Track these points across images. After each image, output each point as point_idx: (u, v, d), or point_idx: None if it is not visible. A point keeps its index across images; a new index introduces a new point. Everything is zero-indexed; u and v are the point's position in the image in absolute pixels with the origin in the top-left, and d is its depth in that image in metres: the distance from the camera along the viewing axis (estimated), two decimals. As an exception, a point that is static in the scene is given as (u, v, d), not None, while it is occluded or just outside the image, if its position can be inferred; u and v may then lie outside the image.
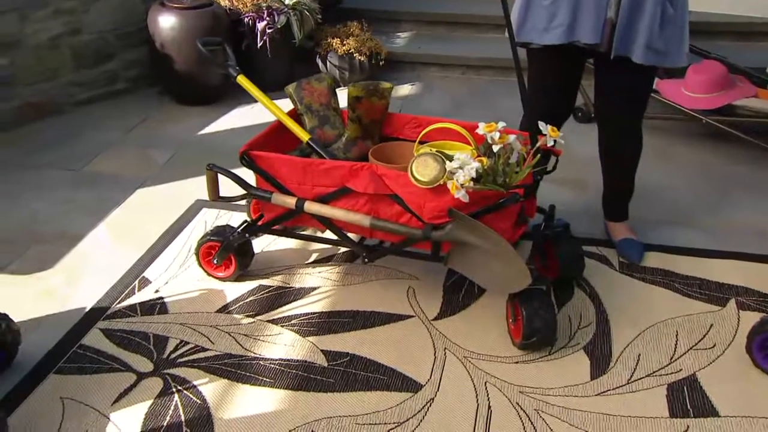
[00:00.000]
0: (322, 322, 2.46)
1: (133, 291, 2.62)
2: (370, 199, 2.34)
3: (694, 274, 2.73)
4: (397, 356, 2.30)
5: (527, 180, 2.26)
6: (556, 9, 2.44)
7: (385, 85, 2.68)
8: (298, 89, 2.77)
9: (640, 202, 3.16)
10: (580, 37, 2.44)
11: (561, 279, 2.62)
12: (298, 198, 2.40)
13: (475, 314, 2.51)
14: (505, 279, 2.20)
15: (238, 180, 2.45)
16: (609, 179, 2.86)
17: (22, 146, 3.86)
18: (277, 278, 2.70)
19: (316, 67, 4.80)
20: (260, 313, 2.51)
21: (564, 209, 3.14)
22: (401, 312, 2.52)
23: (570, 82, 2.69)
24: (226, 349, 2.32)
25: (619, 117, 2.66)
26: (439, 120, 2.67)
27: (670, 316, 2.49)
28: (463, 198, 2.13)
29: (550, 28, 2.47)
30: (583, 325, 2.46)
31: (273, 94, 3.11)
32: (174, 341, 2.36)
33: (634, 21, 2.37)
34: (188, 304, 2.55)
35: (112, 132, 4.05)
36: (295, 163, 2.39)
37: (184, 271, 2.73)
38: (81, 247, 2.92)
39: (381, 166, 2.32)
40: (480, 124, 2.21)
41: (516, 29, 2.54)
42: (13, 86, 4.05)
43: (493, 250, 2.16)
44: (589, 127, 3.78)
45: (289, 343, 2.36)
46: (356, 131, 2.67)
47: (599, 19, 2.39)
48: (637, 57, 2.41)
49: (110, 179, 3.49)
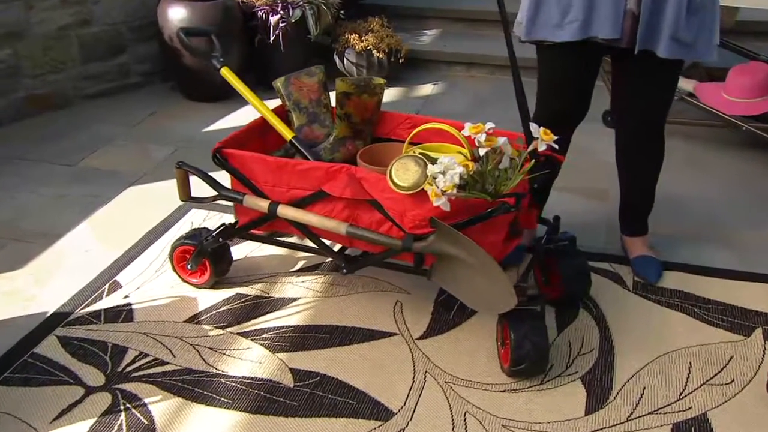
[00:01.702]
0: (297, 337, 2.26)
1: (102, 296, 2.46)
2: (349, 205, 2.14)
3: (717, 297, 2.45)
4: (371, 379, 2.10)
5: (520, 188, 2.02)
6: (570, 2, 2.20)
7: (377, 81, 2.47)
8: (286, 84, 2.58)
9: (664, 214, 2.89)
10: (597, 32, 2.20)
11: (564, 298, 2.37)
12: (271, 201, 2.21)
13: (465, 334, 2.28)
14: (491, 298, 1.98)
15: (209, 180, 2.27)
16: (626, 189, 2.61)
17: (23, 139, 3.76)
18: (257, 287, 2.52)
19: (333, 64, 4.62)
20: (231, 324, 2.32)
21: (580, 220, 2.89)
22: (384, 329, 2.31)
23: (585, 81, 2.45)
24: (188, 364, 2.14)
25: (640, 119, 2.40)
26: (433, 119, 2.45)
27: (684, 345, 2.23)
28: (443, 206, 1.91)
29: (563, 24, 2.23)
30: (584, 351, 2.21)
31: None
32: (133, 353, 2.19)
33: (658, 11, 2.13)
34: (156, 312, 2.38)
35: (117, 127, 3.93)
36: (268, 162, 2.20)
37: (159, 276, 2.57)
38: (58, 246, 2.78)
39: (361, 168, 2.11)
40: (466, 124, 1.98)
41: (526, 26, 2.32)
42: (17, 78, 3.96)
43: (478, 266, 1.93)
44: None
45: (256, 359, 2.17)
46: (345, 130, 2.47)
47: (618, 11, 2.15)
48: (662, 50, 2.16)
49: (105, 175, 3.36)
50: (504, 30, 2.12)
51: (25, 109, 4.01)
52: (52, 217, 2.98)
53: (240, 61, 4.30)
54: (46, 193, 3.18)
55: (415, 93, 4.50)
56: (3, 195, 3.16)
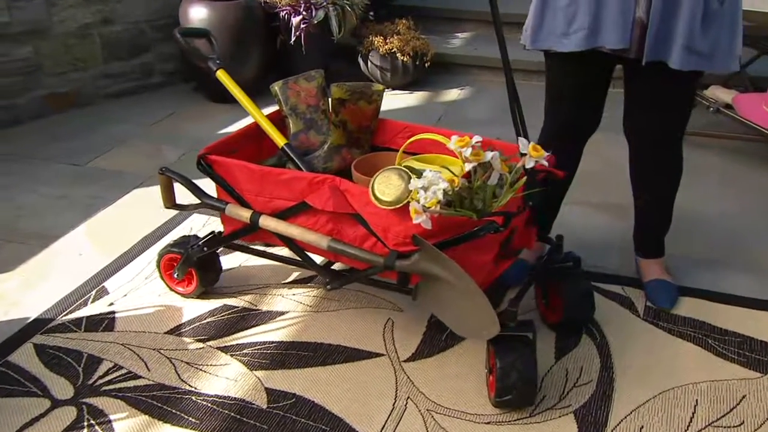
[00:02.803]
0: (278, 354, 2.17)
1: (87, 302, 2.41)
2: (333, 218, 2.03)
3: (735, 328, 2.27)
4: (349, 403, 1.98)
5: (511, 206, 1.89)
6: (576, 10, 2.06)
7: (375, 88, 2.36)
8: (284, 88, 2.49)
9: (685, 234, 2.72)
10: (604, 42, 2.06)
11: (565, 323, 2.22)
12: (254, 211, 2.12)
13: (455, 358, 2.15)
14: (474, 323, 1.85)
15: (192, 187, 2.19)
16: (641, 207, 2.44)
17: (38, 137, 3.76)
18: (246, 298, 2.43)
19: (358, 67, 4.53)
20: (213, 337, 2.24)
21: (595, 237, 2.75)
22: (371, 348, 2.20)
23: (596, 92, 2.30)
24: (161, 379, 2.06)
25: (654, 134, 2.24)
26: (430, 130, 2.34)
27: (692, 380, 2.06)
28: (424, 224, 1.79)
29: (569, 33, 2.10)
30: (581, 381, 2.06)
31: None
32: (107, 364, 2.12)
33: (670, 19, 1.97)
34: (138, 322, 2.31)
35: (133, 127, 3.91)
36: (252, 171, 2.11)
37: (148, 284, 2.50)
38: (53, 248, 2.74)
39: (345, 180, 2.00)
40: (453, 137, 1.86)
41: (531, 34, 2.18)
42: (38, 76, 3.96)
43: (461, 288, 1.81)
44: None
45: (232, 376, 2.08)
46: (340, 138, 2.37)
47: (626, 19, 2.00)
48: (675, 62, 2.00)
49: (111, 176, 3.32)
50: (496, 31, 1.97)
51: (45, 108, 4.01)
52: (52, 218, 2.95)
53: (261, 62, 4.25)
54: (49, 194, 3.16)
55: (439, 98, 4.37)
56: (6, 194, 3.14)
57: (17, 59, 3.83)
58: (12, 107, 3.89)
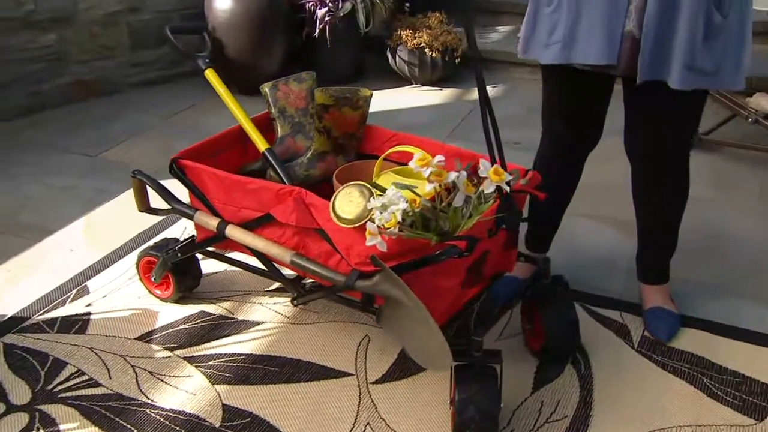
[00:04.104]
0: (243, 368, 2.11)
1: (65, 301, 2.40)
2: (299, 231, 1.95)
3: (736, 367, 2.11)
4: (305, 425, 1.92)
5: (481, 230, 1.77)
6: (558, 19, 1.93)
7: (362, 93, 2.26)
8: (273, 89, 2.43)
9: (700, 255, 2.56)
10: (579, 57, 1.91)
11: (547, 352, 2.10)
12: (221, 220, 2.06)
13: (426, 383, 2.06)
14: (429, 351, 1.75)
15: (162, 191, 2.15)
16: (643, 229, 2.29)
17: (59, 125, 3.80)
18: (225, 305, 2.38)
19: (386, 61, 4.42)
20: (183, 346, 2.20)
21: (602, 255, 2.62)
22: (339, 367, 2.12)
23: (592, 107, 2.16)
24: (120, 388, 2.03)
25: (657, 153, 2.09)
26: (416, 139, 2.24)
27: (677, 423, 1.92)
28: (379, 246, 1.70)
29: (549, 44, 1.97)
30: (554, 417, 1.94)
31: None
32: (71, 369, 2.10)
33: (666, 34, 1.81)
34: (111, 325, 2.29)
35: (151, 118, 3.91)
36: (220, 178, 2.05)
37: (130, 285, 2.48)
38: (47, 243, 2.75)
39: (311, 193, 1.92)
40: (416, 154, 1.75)
41: (523, 42, 2.06)
42: (64, 63, 4.00)
43: (416, 314, 1.71)
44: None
45: (192, 389, 2.03)
46: (324, 145, 2.28)
47: (613, 32, 1.84)
48: (675, 81, 1.84)
49: (120, 169, 3.32)
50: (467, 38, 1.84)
51: (69, 95, 4.05)
52: (53, 211, 2.96)
53: (285, 54, 4.19)
54: (56, 185, 3.18)
55: (468, 96, 4.24)
56: (13, 184, 3.18)
57: (42, 46, 3.87)
58: (37, 93, 3.94)
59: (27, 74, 3.85)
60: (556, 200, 2.34)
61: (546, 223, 2.37)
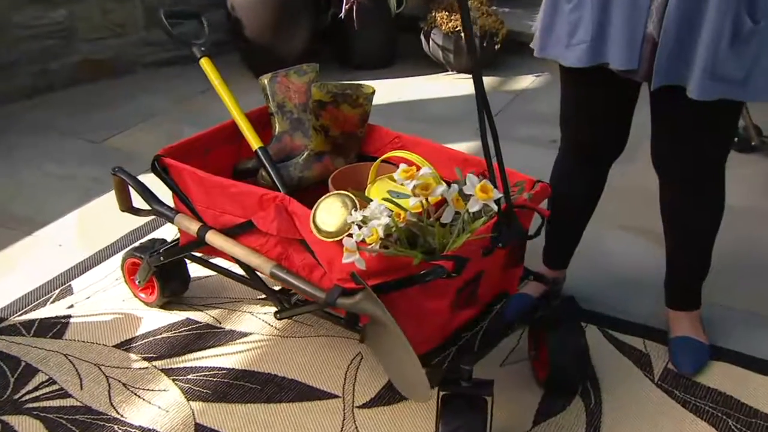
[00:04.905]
0: (224, 384, 2.14)
1: (47, 302, 2.46)
2: (283, 241, 1.96)
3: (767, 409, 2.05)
4: (280, 452, 1.93)
5: (472, 249, 1.75)
6: (579, 18, 1.88)
7: (363, 90, 2.25)
8: (272, 82, 2.45)
9: (740, 278, 2.48)
10: (608, 58, 1.87)
11: (551, 381, 2.07)
12: (202, 225, 2.08)
13: (416, 411, 2.05)
14: (408, 380, 1.74)
15: (142, 191, 2.18)
16: (672, 249, 2.22)
17: (66, 107, 3.89)
18: (212, 313, 2.41)
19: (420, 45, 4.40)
20: (162, 356, 2.24)
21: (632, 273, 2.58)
22: (327, 387, 2.13)
23: (615, 112, 2.11)
24: (90, 401, 2.08)
25: (684, 168, 2.03)
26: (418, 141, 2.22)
27: (691, 470, 1.87)
28: (358, 264, 1.69)
29: (571, 45, 1.92)
30: (554, 457, 1.92)
31: (362, 74, 2.67)
32: (42, 377, 2.15)
33: (687, 36, 1.75)
34: (91, 330, 2.34)
35: (163, 102, 3.97)
36: (201, 179, 2.07)
37: (116, 287, 2.53)
38: (35, 237, 2.82)
39: (294, 200, 1.92)
40: (401, 165, 1.74)
41: (539, 39, 2.03)
42: (73, 41, 4.08)
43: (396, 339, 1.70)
44: (744, 160, 3.06)
45: (165, 406, 2.06)
46: (321, 144, 2.29)
47: (634, 35, 1.80)
48: (695, 89, 1.78)
49: (124, 157, 3.37)
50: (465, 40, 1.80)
51: (79, 75, 4.14)
52: (47, 201, 3.03)
53: (309, 36, 4.21)
54: (54, 173, 3.26)
55: (508, 85, 4.19)
56: (11, 170, 3.27)
57: (50, 23, 3.96)
58: (45, 73, 4.03)
59: (33, 53, 3.95)
60: (576, 213, 2.30)
61: (564, 238, 2.34)
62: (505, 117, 3.81)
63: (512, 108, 3.92)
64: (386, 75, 4.30)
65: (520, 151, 3.35)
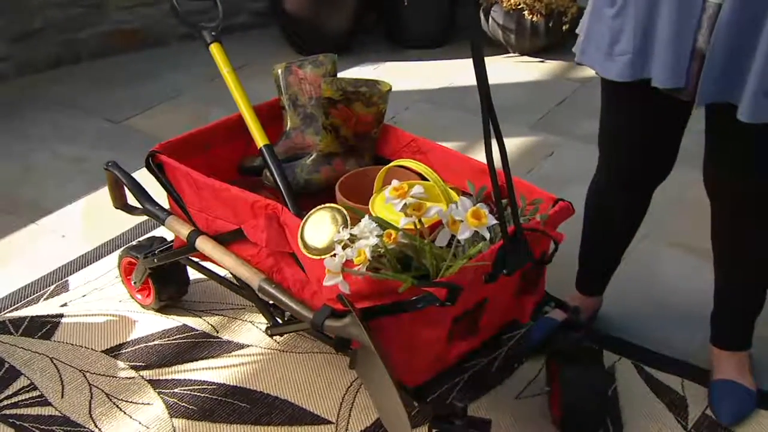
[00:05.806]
0: (212, 401, 2.19)
1: (40, 299, 2.56)
2: (274, 253, 1.99)
3: (814, 469, 1.99)
4: (260, 481, 1.98)
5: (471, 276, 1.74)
6: (621, 26, 1.82)
7: (380, 88, 2.25)
8: (286, 72, 2.47)
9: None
10: (652, 74, 1.81)
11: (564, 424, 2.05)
12: (193, 229, 2.13)
13: (414, 444, 2.06)
14: (392, 417, 1.76)
15: (135, 189, 2.24)
16: (721, 283, 2.16)
17: (90, 82, 4.01)
18: (211, 320, 2.47)
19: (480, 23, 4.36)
20: (151, 366, 2.30)
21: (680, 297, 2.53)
22: (320, 411, 2.16)
23: (660, 134, 2.05)
24: (69, 411, 2.16)
25: (736, 198, 1.97)
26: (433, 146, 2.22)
27: None
28: (341, 287, 1.71)
29: (613, 55, 1.86)
30: None
31: (415, 53, 2.59)
32: (23, 381, 2.25)
33: (739, 49, 1.69)
34: (81, 332, 2.42)
35: (192, 78, 4.05)
36: (195, 181, 2.11)
37: (115, 285, 2.61)
38: (39, 225, 2.93)
39: (286, 210, 1.95)
40: (393, 181, 1.74)
41: (581, 44, 1.98)
42: (103, 9, 4.19)
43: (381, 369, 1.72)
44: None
45: (146, 421, 2.13)
46: (331, 145, 2.30)
47: (682, 49, 1.73)
48: (745, 110, 1.70)
49: (142, 140, 3.45)
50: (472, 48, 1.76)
51: (109, 45, 4.25)
52: (55, 186, 3.14)
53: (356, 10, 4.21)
54: (66, 154, 3.37)
55: (575, 72, 4.12)
56: (23, 150, 3.39)
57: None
58: (72, 43, 4.15)
59: (62, 21, 4.06)
60: (613, 239, 2.27)
61: (599, 264, 2.30)
62: (567, 108, 3.76)
63: (576, 98, 3.86)
64: (439, 56, 4.28)
65: (579, 149, 3.31)
